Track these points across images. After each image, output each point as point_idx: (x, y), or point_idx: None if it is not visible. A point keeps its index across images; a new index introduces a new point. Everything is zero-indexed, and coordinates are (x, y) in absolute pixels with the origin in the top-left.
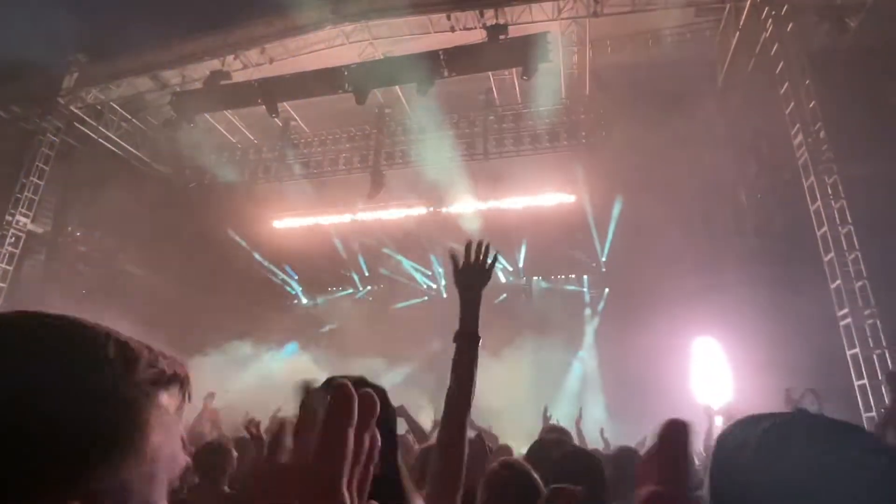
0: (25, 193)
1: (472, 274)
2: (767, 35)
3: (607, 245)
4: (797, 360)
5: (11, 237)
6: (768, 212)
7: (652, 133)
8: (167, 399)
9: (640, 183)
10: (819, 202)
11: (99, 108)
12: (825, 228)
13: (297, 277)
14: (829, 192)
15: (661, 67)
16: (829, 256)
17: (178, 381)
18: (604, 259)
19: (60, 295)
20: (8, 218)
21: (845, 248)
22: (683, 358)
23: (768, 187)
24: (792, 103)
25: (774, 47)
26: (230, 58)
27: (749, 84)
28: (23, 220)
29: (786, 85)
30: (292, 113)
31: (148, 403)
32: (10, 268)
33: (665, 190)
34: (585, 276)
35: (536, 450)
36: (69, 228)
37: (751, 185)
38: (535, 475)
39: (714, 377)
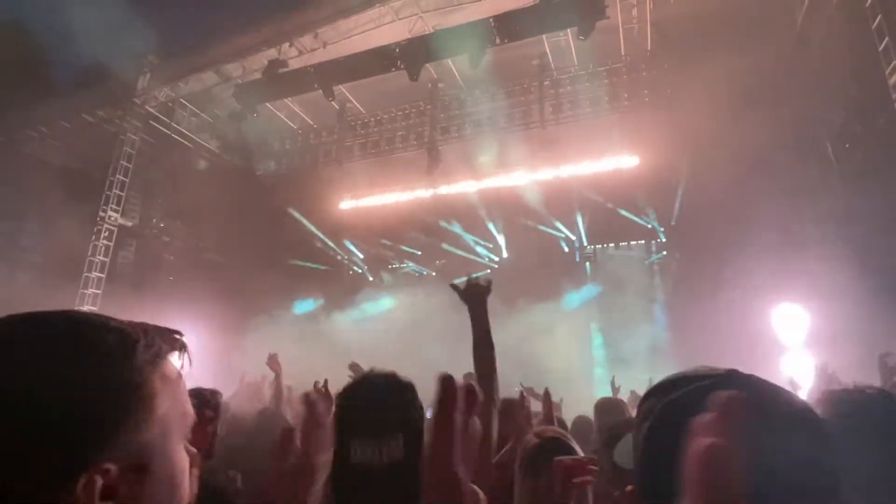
0: (114, 191)
1: (474, 293)
2: None
3: (676, 208)
4: (891, 327)
5: (105, 231)
6: (859, 163)
7: (722, 86)
8: (169, 368)
9: (710, 140)
10: None
11: (170, 105)
12: None
13: (362, 257)
14: None
15: (729, 14)
16: None
17: (176, 350)
18: (673, 223)
19: (151, 282)
20: (101, 214)
21: None
22: (762, 326)
23: (859, 136)
24: (886, 38)
25: None
26: (286, 45)
27: (832, 23)
28: (114, 215)
29: (878, 17)
30: (348, 95)
31: (151, 377)
32: (107, 259)
33: (738, 147)
34: (653, 242)
35: (582, 422)
36: (154, 220)
37: (838, 134)
38: (572, 446)
39: (797, 346)
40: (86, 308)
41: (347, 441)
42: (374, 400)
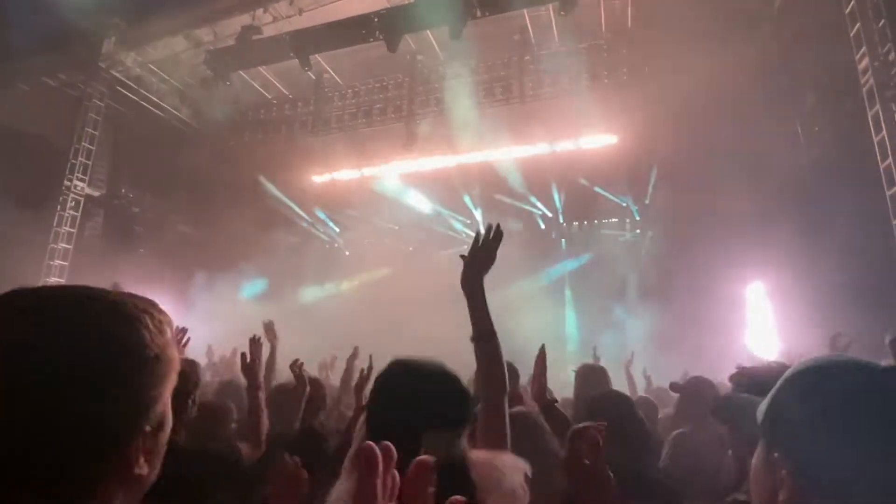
0: (80, 159)
1: (477, 261)
2: None
3: (650, 187)
4: (854, 304)
5: (72, 201)
6: (826, 145)
7: (699, 65)
8: (170, 337)
9: (685, 120)
10: (884, 132)
11: (138, 70)
12: (889, 161)
13: (338, 231)
14: None
15: None
16: (892, 191)
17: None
18: (647, 202)
19: (120, 254)
20: (66, 183)
21: None
22: (734, 303)
23: (827, 119)
24: (858, 23)
25: None
26: (260, 11)
27: (808, 6)
28: (80, 184)
29: (851, 4)
30: (325, 65)
31: (167, 349)
32: (74, 230)
33: (713, 126)
34: (627, 220)
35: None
36: (122, 190)
37: (808, 116)
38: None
39: (766, 324)
40: (52, 281)
41: (416, 433)
42: (441, 388)
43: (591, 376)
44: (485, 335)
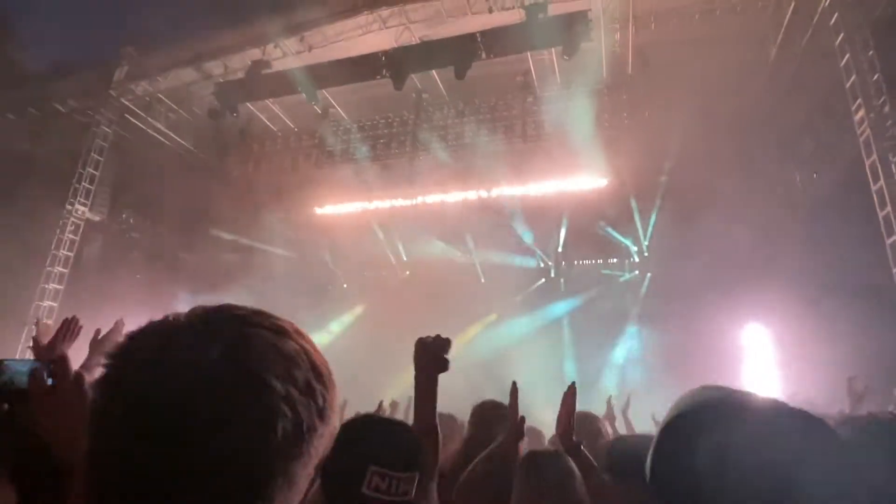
0: (83, 184)
1: (430, 355)
2: (826, 5)
3: (650, 229)
4: (852, 350)
5: (71, 225)
6: (824, 192)
7: (698, 113)
8: None
9: (684, 165)
10: (882, 182)
11: (147, 99)
12: (888, 209)
13: (336, 263)
14: (894, 170)
15: (708, 43)
16: (891, 240)
17: None
18: (646, 243)
19: (117, 280)
20: (68, 207)
21: None
22: (731, 347)
23: (824, 166)
24: (853, 76)
25: (833, 17)
26: (270, 46)
27: (804, 58)
28: (81, 208)
29: (846, 56)
30: (331, 100)
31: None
32: (72, 254)
33: (712, 172)
34: (627, 261)
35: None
36: (123, 216)
37: (805, 164)
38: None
39: (764, 367)
40: (45, 304)
41: (363, 466)
42: (397, 435)
43: (584, 424)
44: (426, 432)
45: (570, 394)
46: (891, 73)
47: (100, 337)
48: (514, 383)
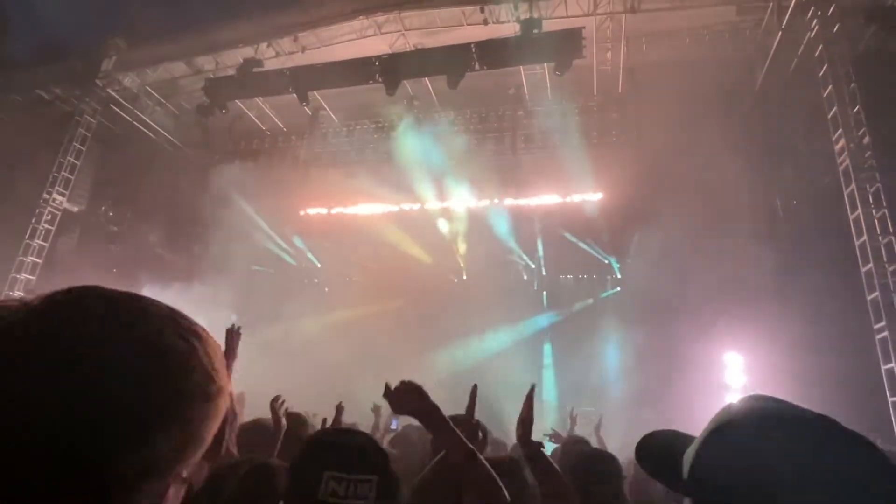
0: (62, 173)
1: (399, 402)
2: (812, 36)
3: (632, 246)
4: (829, 375)
5: (48, 215)
6: (804, 219)
7: (685, 134)
8: None
9: (671, 184)
10: (859, 210)
11: (135, 91)
12: (864, 238)
13: (319, 266)
14: (871, 200)
15: (697, 67)
16: (867, 267)
17: None
18: (629, 261)
19: (91, 272)
20: (45, 196)
21: (885, 259)
22: (711, 367)
23: (805, 194)
24: (835, 107)
25: (819, 49)
26: (263, 46)
27: (789, 86)
28: (59, 198)
29: (829, 88)
30: (322, 102)
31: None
32: (46, 244)
33: (697, 192)
34: (609, 277)
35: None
36: (102, 208)
37: (787, 190)
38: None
39: (741, 391)
40: (16, 294)
41: (319, 473)
42: (353, 440)
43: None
44: (466, 457)
45: (529, 398)
46: (871, 105)
47: None
48: (475, 386)
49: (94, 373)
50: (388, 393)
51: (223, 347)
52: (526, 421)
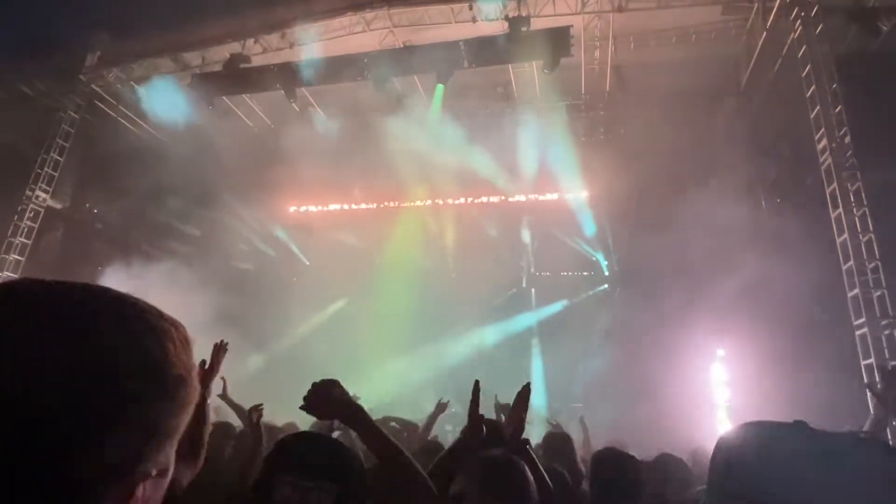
0: (46, 169)
1: (315, 400)
2: (795, 36)
3: (620, 244)
4: (809, 369)
5: (31, 212)
6: (786, 217)
7: (671, 132)
8: None
9: (657, 182)
10: (840, 209)
11: (119, 87)
12: (845, 236)
13: (308, 263)
14: (852, 199)
15: (683, 66)
16: (847, 265)
17: None
18: (616, 258)
19: (76, 270)
20: (28, 193)
21: (865, 256)
22: (699, 363)
23: (788, 192)
24: (818, 107)
25: (802, 49)
26: (250, 41)
27: (773, 86)
28: (42, 195)
29: (812, 88)
30: (310, 99)
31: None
32: (29, 242)
33: (682, 190)
34: (595, 273)
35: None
36: (87, 205)
37: (770, 188)
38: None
39: (726, 385)
40: None
41: (276, 477)
42: (319, 447)
43: (554, 444)
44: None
45: (524, 395)
46: (853, 105)
47: None
48: (477, 382)
49: (20, 372)
50: (306, 397)
51: (209, 361)
52: (518, 419)
